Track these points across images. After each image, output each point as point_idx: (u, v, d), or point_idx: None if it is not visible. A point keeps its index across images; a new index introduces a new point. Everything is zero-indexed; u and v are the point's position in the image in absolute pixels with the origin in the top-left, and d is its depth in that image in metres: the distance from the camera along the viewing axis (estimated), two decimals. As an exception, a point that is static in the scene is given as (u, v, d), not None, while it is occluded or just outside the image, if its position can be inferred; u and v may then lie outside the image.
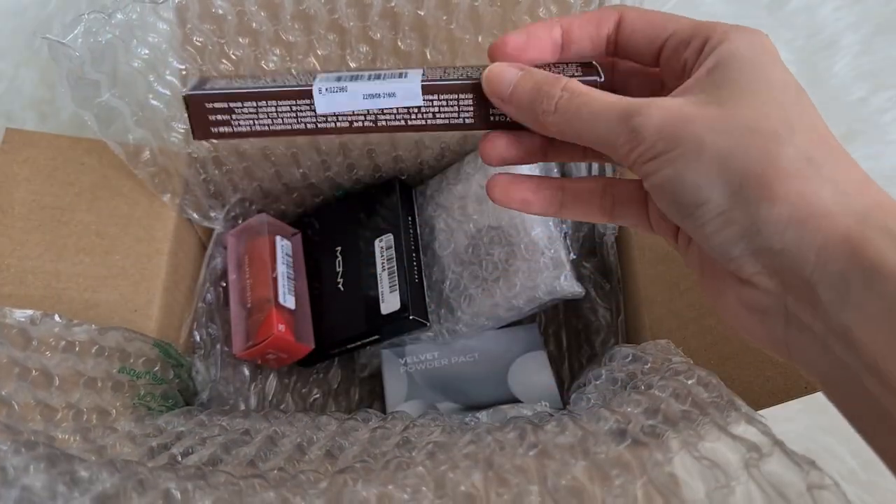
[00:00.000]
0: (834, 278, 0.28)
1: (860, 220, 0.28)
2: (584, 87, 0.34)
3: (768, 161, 0.30)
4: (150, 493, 0.31)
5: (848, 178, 0.29)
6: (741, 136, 0.30)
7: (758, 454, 0.32)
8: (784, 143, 0.30)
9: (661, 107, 0.32)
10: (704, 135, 0.31)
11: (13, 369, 0.43)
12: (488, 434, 0.40)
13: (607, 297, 0.68)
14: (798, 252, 0.29)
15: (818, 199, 0.29)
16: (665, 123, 0.31)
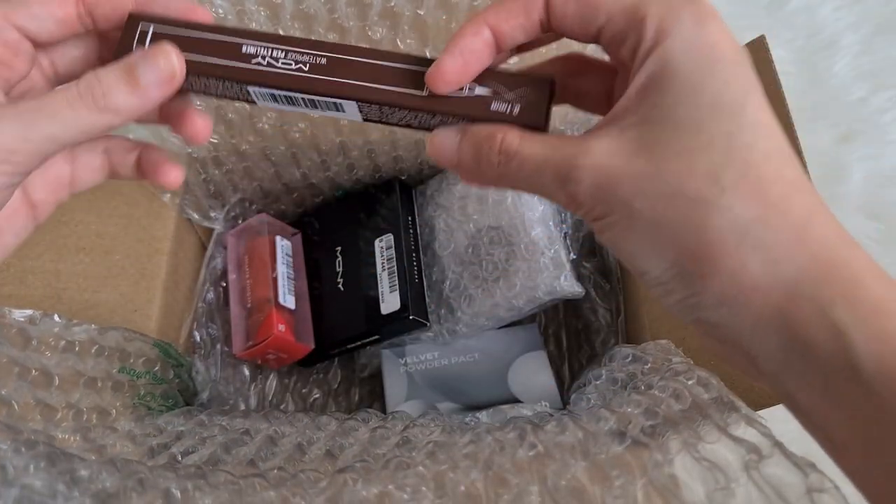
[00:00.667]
0: (771, 352, 0.28)
1: (789, 291, 0.27)
2: (517, 145, 0.33)
3: (696, 235, 0.28)
4: (150, 492, 0.31)
5: (778, 239, 0.28)
6: (668, 203, 0.29)
7: (758, 456, 0.32)
8: (711, 210, 0.28)
9: (591, 166, 0.30)
10: (633, 201, 0.29)
11: (13, 369, 0.43)
12: (488, 434, 0.40)
13: (607, 297, 0.68)
14: (734, 328, 0.29)
15: (747, 274, 0.28)
16: (597, 188, 0.30)
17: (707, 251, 0.28)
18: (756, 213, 0.28)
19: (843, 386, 0.26)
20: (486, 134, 0.33)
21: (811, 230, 0.28)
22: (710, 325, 0.30)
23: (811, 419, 0.28)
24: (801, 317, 0.27)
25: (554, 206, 0.65)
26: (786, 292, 0.27)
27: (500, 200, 0.64)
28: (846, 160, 0.76)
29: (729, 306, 0.28)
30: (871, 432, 0.26)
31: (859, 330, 0.26)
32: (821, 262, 0.27)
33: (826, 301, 0.27)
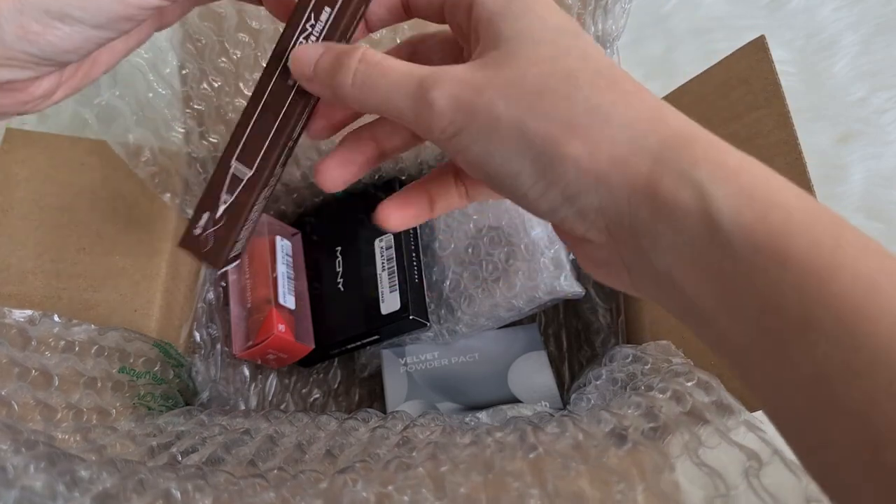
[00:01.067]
0: (644, 223, 0.29)
1: (654, 159, 0.28)
2: (381, 56, 0.33)
3: (561, 122, 0.29)
4: (150, 492, 0.31)
5: (638, 117, 0.29)
6: (531, 100, 0.30)
7: (758, 463, 0.32)
8: (571, 98, 0.30)
9: (454, 77, 0.31)
10: (497, 104, 0.30)
11: (13, 369, 0.43)
12: (488, 435, 0.40)
13: (607, 298, 0.68)
14: (613, 205, 0.30)
15: (613, 148, 0.29)
16: (460, 96, 0.31)
17: (572, 134, 0.29)
18: (612, 99, 0.29)
19: (706, 249, 0.27)
20: (349, 47, 0.34)
21: (665, 112, 0.30)
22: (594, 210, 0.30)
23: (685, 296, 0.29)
24: (665, 184, 0.28)
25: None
26: (651, 162, 0.28)
27: (500, 200, 0.64)
28: (846, 160, 0.76)
29: (605, 184, 0.29)
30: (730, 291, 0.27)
31: (719, 186, 0.27)
32: (680, 134, 0.29)
33: (688, 163, 0.28)
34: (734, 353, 0.28)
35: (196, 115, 0.61)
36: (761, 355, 0.26)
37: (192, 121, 0.61)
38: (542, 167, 0.30)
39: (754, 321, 0.26)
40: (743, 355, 0.27)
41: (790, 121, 0.50)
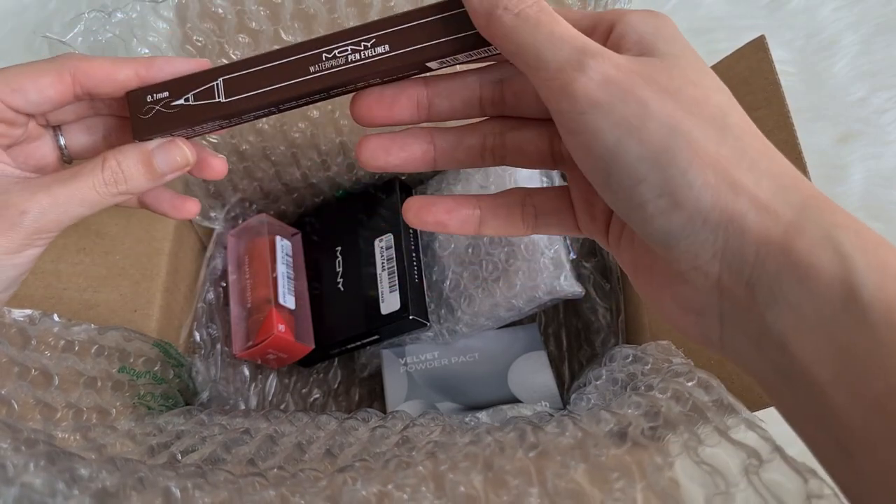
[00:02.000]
0: (770, 277, 0.27)
1: (798, 214, 0.27)
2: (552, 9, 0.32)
3: (710, 147, 0.28)
4: (150, 490, 0.31)
5: (785, 171, 0.29)
6: (685, 116, 0.29)
7: (758, 461, 0.32)
8: (723, 132, 0.29)
9: (615, 59, 0.30)
10: (651, 102, 0.29)
11: (12, 368, 0.43)
12: (488, 434, 0.40)
13: (607, 297, 0.68)
14: (738, 250, 0.28)
15: (761, 192, 0.28)
16: (615, 77, 0.29)
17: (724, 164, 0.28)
18: (761, 149, 0.29)
19: (839, 315, 0.26)
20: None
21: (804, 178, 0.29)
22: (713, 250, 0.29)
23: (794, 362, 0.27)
24: (805, 239, 0.27)
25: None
26: (794, 215, 0.27)
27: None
28: (846, 160, 0.76)
29: (739, 223, 0.28)
30: (855, 366, 0.25)
31: (862, 257, 0.26)
32: (822, 197, 0.28)
33: (830, 226, 0.27)
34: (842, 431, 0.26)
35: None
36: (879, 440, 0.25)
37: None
38: (675, 183, 0.28)
39: (877, 403, 0.25)
40: (853, 436, 0.25)
41: (790, 121, 0.50)
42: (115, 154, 0.40)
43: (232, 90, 0.39)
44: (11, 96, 0.39)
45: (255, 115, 0.40)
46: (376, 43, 0.36)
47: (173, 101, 0.40)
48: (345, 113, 0.63)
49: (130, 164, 0.40)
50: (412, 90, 0.38)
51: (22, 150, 0.43)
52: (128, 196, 0.41)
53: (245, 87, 0.39)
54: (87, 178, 0.39)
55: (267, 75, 0.38)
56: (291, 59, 0.38)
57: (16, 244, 0.38)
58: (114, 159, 0.40)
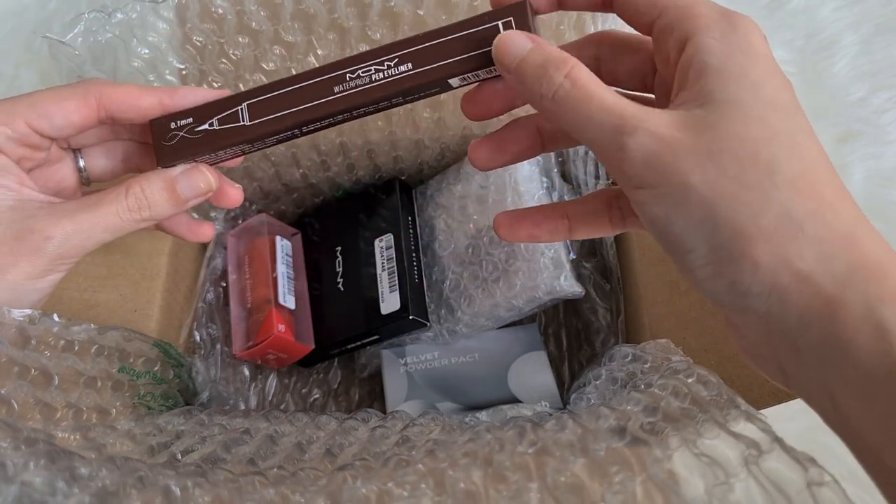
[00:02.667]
0: (815, 344, 0.28)
1: (839, 286, 0.28)
2: (586, 77, 0.32)
3: (751, 218, 0.29)
4: (150, 489, 0.31)
5: (832, 235, 0.28)
6: (728, 184, 0.29)
7: (757, 451, 0.32)
8: (768, 198, 0.29)
9: (653, 130, 0.30)
10: (691, 176, 0.29)
11: (12, 368, 0.43)
12: (488, 432, 0.40)
13: (607, 297, 0.68)
14: (781, 317, 0.29)
15: (799, 263, 0.28)
16: (655, 152, 0.30)
17: (763, 236, 0.28)
18: (811, 208, 0.28)
19: (882, 387, 0.26)
20: (559, 56, 0.33)
21: (859, 233, 0.29)
22: (757, 314, 0.30)
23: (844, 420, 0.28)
24: (847, 312, 0.27)
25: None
26: (835, 286, 0.28)
27: (500, 200, 0.64)
28: (846, 160, 0.76)
29: (780, 294, 0.29)
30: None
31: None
32: (871, 263, 0.28)
33: (874, 300, 0.27)
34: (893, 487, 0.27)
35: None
36: None
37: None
38: (718, 256, 0.30)
39: None
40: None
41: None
42: (139, 181, 0.41)
43: (256, 113, 0.40)
44: (38, 121, 0.40)
45: (277, 139, 0.41)
46: (399, 62, 0.37)
47: (197, 126, 0.41)
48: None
49: (155, 191, 0.41)
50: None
51: (42, 173, 0.43)
52: (151, 222, 0.43)
53: (269, 110, 0.40)
54: (111, 204, 0.40)
55: (291, 97, 0.40)
56: (316, 80, 0.39)
57: (39, 269, 0.39)
58: (138, 186, 0.41)
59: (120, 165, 0.46)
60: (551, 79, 0.33)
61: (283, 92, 0.39)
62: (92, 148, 0.45)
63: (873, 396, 0.27)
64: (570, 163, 0.69)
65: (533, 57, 0.34)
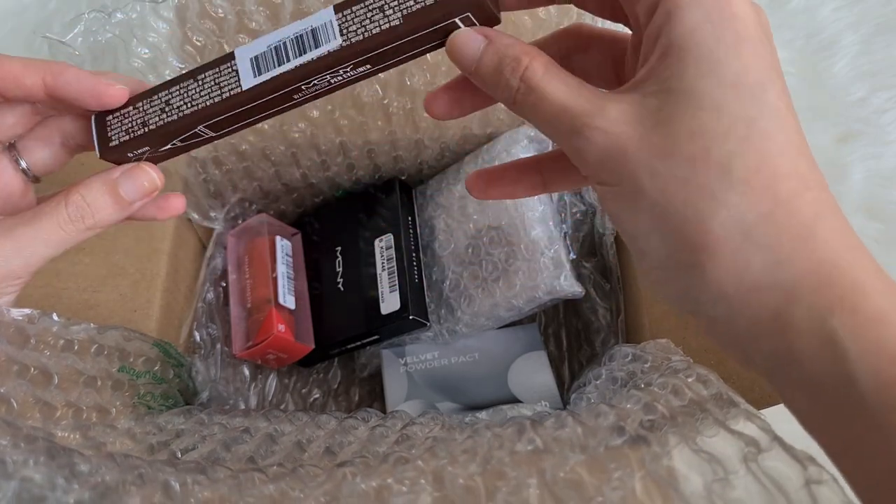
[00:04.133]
0: (764, 355, 0.28)
1: (787, 296, 0.26)
2: (539, 79, 0.31)
3: (700, 226, 0.27)
4: (150, 485, 0.31)
5: (783, 240, 0.27)
6: (677, 188, 0.28)
7: (756, 449, 0.32)
8: (718, 204, 0.27)
9: (606, 125, 0.29)
10: (642, 178, 0.28)
11: (12, 367, 0.43)
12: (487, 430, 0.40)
13: (607, 297, 0.68)
14: (731, 325, 0.28)
15: (748, 274, 0.27)
16: (606, 154, 0.29)
17: (709, 245, 0.27)
18: (763, 210, 0.27)
19: (835, 399, 0.26)
20: (512, 55, 0.32)
21: (817, 231, 0.27)
22: (708, 320, 0.29)
23: (805, 423, 0.28)
24: (796, 324, 0.26)
25: (554, 206, 0.65)
26: (784, 296, 0.27)
27: (500, 201, 0.64)
28: (846, 160, 0.76)
29: (727, 303, 0.28)
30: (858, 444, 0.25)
31: (856, 341, 0.25)
32: (823, 267, 0.26)
33: (824, 308, 0.26)
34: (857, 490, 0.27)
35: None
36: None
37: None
38: (668, 263, 0.29)
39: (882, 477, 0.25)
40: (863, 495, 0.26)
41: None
42: (77, 188, 0.39)
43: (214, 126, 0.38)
44: None
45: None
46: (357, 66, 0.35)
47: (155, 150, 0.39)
48: (345, 113, 0.63)
49: (96, 196, 0.39)
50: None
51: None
52: (98, 230, 0.40)
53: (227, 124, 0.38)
54: (51, 216, 0.38)
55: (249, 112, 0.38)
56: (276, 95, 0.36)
57: None
58: (77, 194, 0.38)
59: (61, 150, 0.42)
60: (507, 83, 0.32)
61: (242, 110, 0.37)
62: (27, 142, 0.41)
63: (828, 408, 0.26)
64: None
65: (488, 59, 0.32)
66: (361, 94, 0.61)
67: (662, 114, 0.28)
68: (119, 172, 0.39)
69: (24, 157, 0.41)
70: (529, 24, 0.56)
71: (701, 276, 0.28)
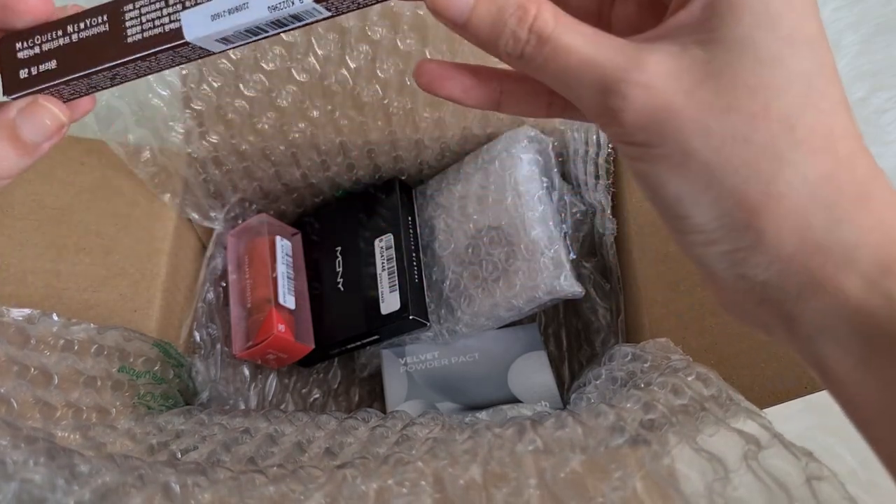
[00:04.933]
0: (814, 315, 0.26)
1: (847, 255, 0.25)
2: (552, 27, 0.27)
3: (763, 187, 0.26)
4: (150, 487, 0.31)
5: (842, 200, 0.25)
6: (735, 148, 0.26)
7: (756, 446, 0.32)
8: (783, 163, 0.25)
9: (646, 83, 0.26)
10: (692, 138, 0.26)
11: (12, 367, 0.43)
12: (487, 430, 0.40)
13: (607, 297, 0.68)
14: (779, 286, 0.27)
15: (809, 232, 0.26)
16: (647, 113, 0.26)
17: (772, 206, 0.26)
18: (825, 169, 0.25)
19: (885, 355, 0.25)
20: (515, 1, 0.28)
21: (874, 192, 0.26)
22: (755, 283, 0.27)
23: (841, 387, 0.26)
24: (855, 281, 0.25)
25: (554, 206, 0.65)
26: (844, 254, 0.25)
27: (500, 200, 0.64)
28: (846, 160, 0.76)
29: (783, 265, 0.26)
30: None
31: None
32: (883, 226, 0.25)
33: (884, 266, 0.25)
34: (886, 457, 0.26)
35: (196, 115, 0.61)
36: None
37: (191, 121, 0.61)
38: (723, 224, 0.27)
39: None
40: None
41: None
42: None
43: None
44: None
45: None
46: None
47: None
48: (345, 113, 0.63)
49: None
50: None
51: None
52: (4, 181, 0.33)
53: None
54: None
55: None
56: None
57: None
58: None
59: None
60: (514, 35, 0.28)
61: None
62: None
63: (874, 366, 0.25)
64: (570, 163, 0.69)
65: (484, 8, 0.28)
66: (361, 94, 0.61)
67: (712, 66, 0.26)
68: (14, 112, 0.33)
69: None
70: None
71: (756, 237, 0.26)
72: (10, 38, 0.33)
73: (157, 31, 0.31)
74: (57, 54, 0.32)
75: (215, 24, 0.31)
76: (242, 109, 0.61)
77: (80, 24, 0.32)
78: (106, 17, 0.32)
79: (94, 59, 0.32)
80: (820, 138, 0.25)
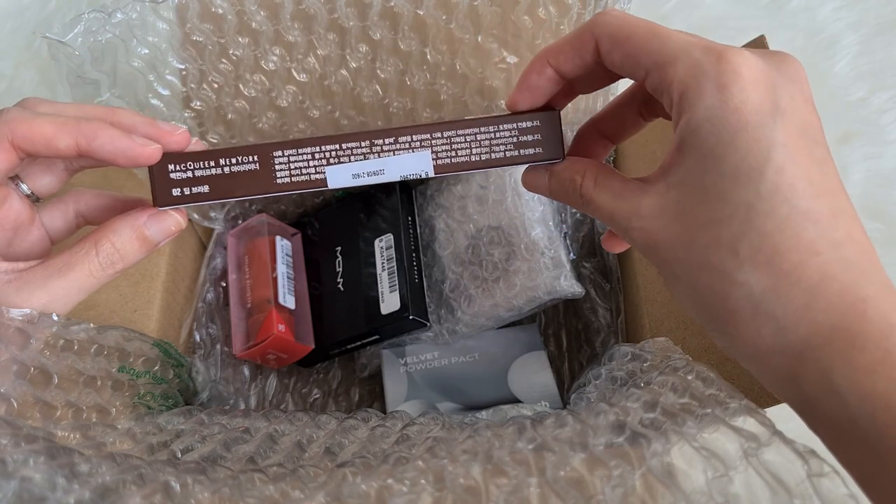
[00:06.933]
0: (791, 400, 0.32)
1: (796, 357, 0.30)
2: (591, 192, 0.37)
3: (720, 303, 0.32)
4: (150, 485, 0.31)
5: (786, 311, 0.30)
6: (699, 272, 0.32)
7: (757, 444, 0.32)
8: (731, 283, 0.31)
9: (640, 229, 0.34)
10: (673, 266, 0.33)
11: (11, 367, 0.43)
12: (487, 429, 0.40)
13: (607, 297, 0.68)
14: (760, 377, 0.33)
15: (761, 340, 0.31)
16: (646, 247, 0.35)
17: (730, 318, 0.32)
18: (768, 284, 0.30)
19: (847, 440, 0.29)
20: (568, 179, 0.39)
21: (819, 296, 0.30)
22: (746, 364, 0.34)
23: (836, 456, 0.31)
24: (807, 379, 0.30)
25: (554, 206, 0.65)
26: (793, 357, 0.30)
27: (500, 200, 0.64)
28: (846, 160, 0.77)
29: (752, 363, 0.32)
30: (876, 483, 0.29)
31: (853, 392, 0.28)
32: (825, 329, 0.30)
33: (826, 366, 0.29)
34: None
35: (196, 115, 0.61)
36: None
37: (192, 121, 0.61)
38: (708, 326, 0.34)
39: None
40: None
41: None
42: (107, 236, 0.40)
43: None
44: None
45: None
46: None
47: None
48: (345, 113, 0.63)
49: (125, 242, 0.40)
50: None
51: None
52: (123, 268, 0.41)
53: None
54: (83, 265, 0.40)
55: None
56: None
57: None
58: (108, 242, 0.40)
59: (63, 173, 0.43)
60: (575, 201, 0.39)
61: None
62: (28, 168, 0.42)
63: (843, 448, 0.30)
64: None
65: (554, 186, 0.40)
66: (361, 94, 0.61)
67: (681, 206, 0.33)
68: (146, 217, 0.41)
69: (26, 182, 0.42)
70: (529, 25, 0.56)
71: (731, 341, 0.33)
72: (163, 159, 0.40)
73: (303, 178, 0.40)
74: (210, 181, 0.40)
75: (354, 180, 0.40)
76: (242, 109, 0.61)
77: (232, 159, 0.40)
78: (256, 157, 0.39)
79: (246, 189, 0.40)
80: (763, 257, 0.30)
